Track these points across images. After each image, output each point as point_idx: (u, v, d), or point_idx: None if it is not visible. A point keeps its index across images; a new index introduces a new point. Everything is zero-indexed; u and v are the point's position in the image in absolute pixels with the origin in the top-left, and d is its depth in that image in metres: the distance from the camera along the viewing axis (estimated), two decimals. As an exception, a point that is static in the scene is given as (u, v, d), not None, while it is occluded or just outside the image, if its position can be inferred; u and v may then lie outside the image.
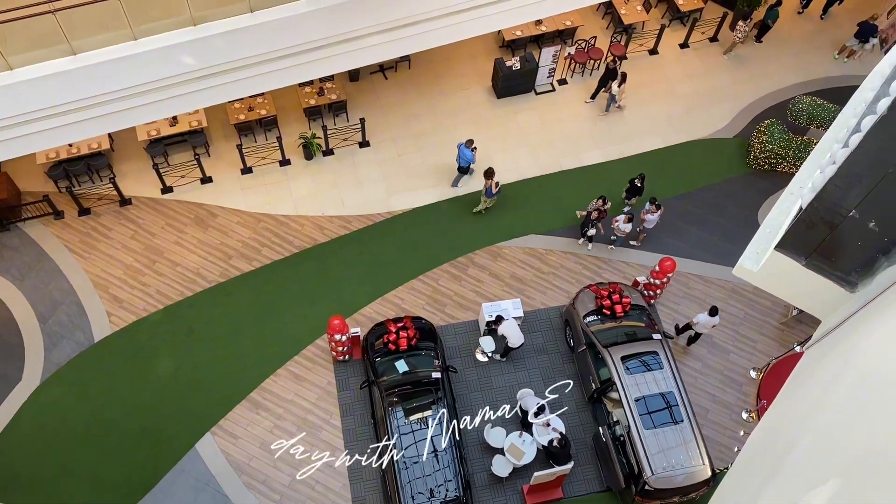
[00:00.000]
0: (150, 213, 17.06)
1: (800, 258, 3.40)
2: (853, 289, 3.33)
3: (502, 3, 15.42)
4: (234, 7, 13.01)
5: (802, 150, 17.68)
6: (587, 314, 15.20)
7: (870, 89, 3.74)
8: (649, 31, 20.05)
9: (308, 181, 17.85)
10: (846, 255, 3.22)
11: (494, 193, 16.82)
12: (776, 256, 3.48)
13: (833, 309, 3.49)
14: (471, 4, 15.11)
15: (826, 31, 20.61)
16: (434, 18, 15.07)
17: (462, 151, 17.10)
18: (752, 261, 3.75)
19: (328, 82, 18.25)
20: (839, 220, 3.06)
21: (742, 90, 19.65)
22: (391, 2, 14.28)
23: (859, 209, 2.94)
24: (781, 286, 3.68)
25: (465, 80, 19.37)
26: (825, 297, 3.47)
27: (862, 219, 2.96)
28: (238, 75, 14.19)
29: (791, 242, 3.38)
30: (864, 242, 3.08)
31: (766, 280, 3.68)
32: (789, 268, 3.50)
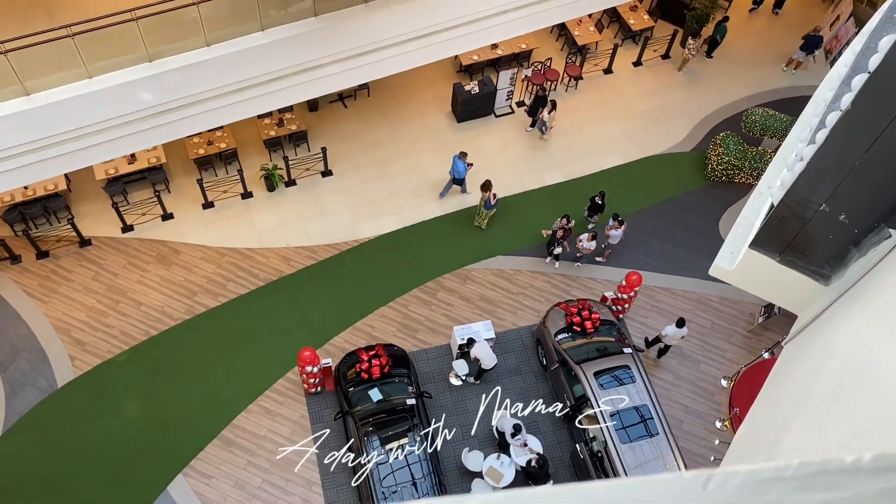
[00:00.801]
0: (111, 252, 16.75)
1: (774, 255, 3.47)
2: (827, 282, 3.41)
3: (458, 28, 15.61)
4: (190, 42, 12.96)
5: (758, 160, 18.09)
6: (558, 332, 15.25)
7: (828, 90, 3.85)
8: (603, 51, 20.43)
9: (271, 213, 17.71)
10: (819, 248, 3.30)
11: (493, 205, 16.96)
12: (751, 254, 3.55)
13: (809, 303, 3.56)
14: (427, 31, 15.27)
15: (773, 46, 21.23)
16: (391, 46, 15.19)
17: (456, 163, 17.32)
18: (728, 260, 3.81)
19: (287, 113, 18.22)
20: (810, 214, 3.13)
21: (696, 105, 20.09)
22: (348, 31, 14.36)
23: (829, 203, 3.01)
24: (757, 283, 3.75)
25: (425, 106, 19.50)
26: (800, 291, 3.54)
27: (832, 212, 3.04)
28: (196, 109, 14.10)
29: (764, 240, 3.45)
30: (835, 235, 3.16)
31: (742, 278, 3.74)
32: (764, 265, 3.56)
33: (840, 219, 3.03)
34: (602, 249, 17.16)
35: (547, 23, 17.10)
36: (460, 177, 17.45)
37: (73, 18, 12.16)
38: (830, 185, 2.93)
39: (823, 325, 3.12)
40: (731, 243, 3.85)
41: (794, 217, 3.21)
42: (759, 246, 3.48)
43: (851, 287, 2.99)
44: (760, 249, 3.49)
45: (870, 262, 2.98)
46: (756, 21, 21.73)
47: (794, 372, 3.08)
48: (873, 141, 2.67)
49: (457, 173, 17.39)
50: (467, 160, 17.38)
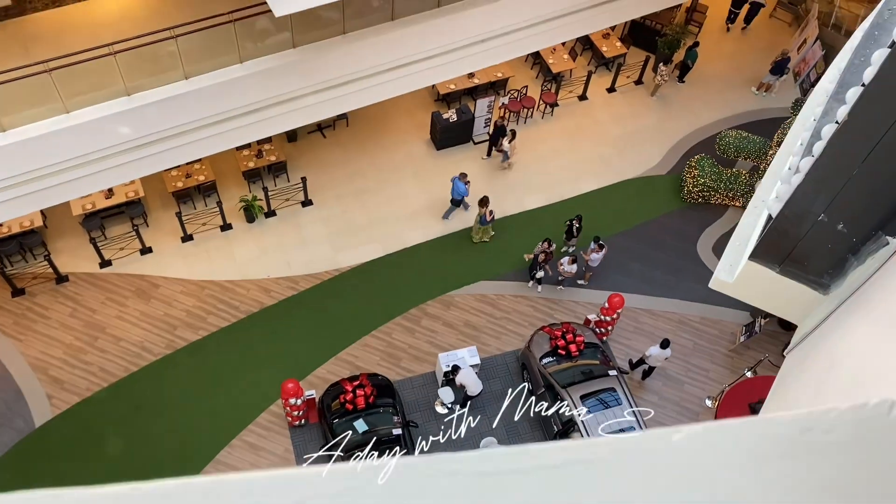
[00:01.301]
0: (89, 288, 16.52)
1: (773, 266, 3.53)
2: (826, 290, 3.47)
3: (435, 58, 15.79)
4: (168, 75, 12.96)
5: (733, 181, 18.39)
6: (543, 356, 15.26)
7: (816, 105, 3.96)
8: (577, 78, 20.75)
9: (251, 244, 17.63)
10: (817, 258, 3.36)
11: (489, 221, 17.21)
12: (750, 266, 3.61)
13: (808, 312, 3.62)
14: (405, 61, 15.43)
15: (743, 69, 21.69)
16: (369, 76, 15.31)
17: (456, 185, 17.57)
18: (727, 273, 3.87)
19: (266, 144, 18.22)
20: (809, 225, 3.20)
21: (670, 128, 20.41)
22: (326, 63, 14.47)
23: (828, 213, 3.08)
24: (757, 295, 3.81)
25: (404, 135, 19.62)
26: (799, 301, 3.60)
27: (831, 222, 3.10)
28: (175, 143, 14.07)
29: (764, 251, 3.51)
30: (833, 245, 3.23)
31: (741, 290, 3.80)
32: (764, 276, 3.63)
33: (838, 228, 3.10)
34: (583, 272, 17.26)
35: (522, 52, 17.36)
36: (461, 197, 17.74)
37: (50, 53, 12.13)
38: (828, 196, 3.01)
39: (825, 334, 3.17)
40: (730, 256, 3.92)
41: (793, 228, 3.28)
42: (758, 258, 3.54)
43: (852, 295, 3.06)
44: (760, 261, 3.55)
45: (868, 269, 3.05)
46: (726, 46, 22.22)
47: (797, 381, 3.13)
48: (870, 150, 2.75)
49: (457, 194, 17.69)
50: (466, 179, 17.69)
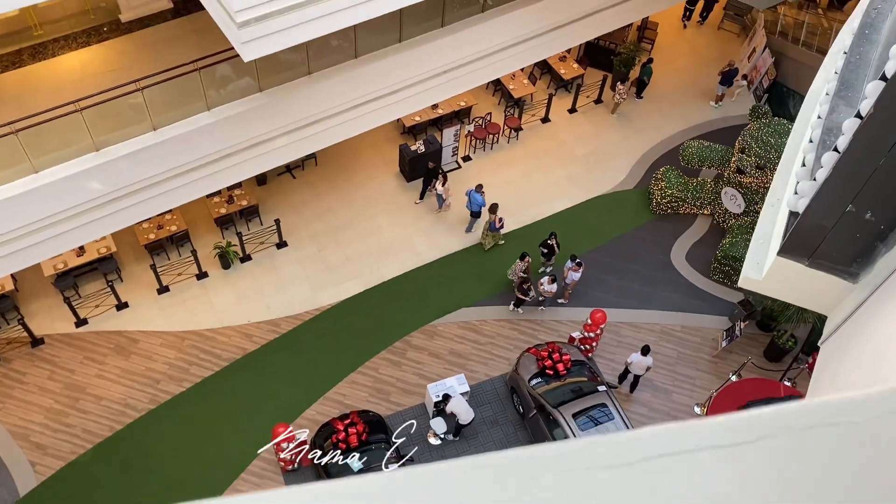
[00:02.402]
0: (66, 349, 16.19)
1: (802, 259, 3.64)
2: (856, 279, 3.58)
3: (399, 93, 15.98)
4: (137, 127, 12.92)
5: (699, 190, 18.78)
6: (531, 377, 15.30)
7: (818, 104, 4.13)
8: (538, 101, 21.12)
9: (229, 291, 17.47)
10: (846, 248, 3.48)
11: (498, 228, 17.68)
12: (779, 262, 3.71)
13: (838, 302, 3.73)
14: (369, 97, 15.59)
15: (698, 82, 22.28)
16: (335, 115, 15.44)
17: (473, 197, 17.97)
18: (755, 271, 3.98)
19: (237, 189, 18.16)
20: (837, 217, 3.32)
21: (633, 144, 20.83)
22: (293, 104, 14.56)
23: (855, 204, 3.21)
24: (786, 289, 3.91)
25: (374, 170, 19.72)
26: (830, 291, 3.71)
27: (858, 212, 3.23)
28: (146, 195, 13.98)
29: (792, 246, 3.62)
30: (861, 234, 3.34)
31: (771, 286, 3.90)
32: (793, 270, 3.73)
33: (866, 217, 3.23)
34: (563, 291, 17.40)
35: (483, 80, 17.66)
36: (479, 208, 18.10)
37: (14, 115, 12.03)
38: (855, 187, 3.14)
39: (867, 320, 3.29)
40: (755, 254, 4.03)
41: (821, 221, 3.41)
42: (787, 253, 3.66)
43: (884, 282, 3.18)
44: (788, 256, 3.66)
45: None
46: (679, 61, 22.83)
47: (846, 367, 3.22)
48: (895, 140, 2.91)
49: (476, 206, 18.08)
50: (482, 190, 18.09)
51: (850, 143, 3.04)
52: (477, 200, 18.01)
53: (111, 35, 16.11)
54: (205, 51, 13.47)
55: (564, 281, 17.14)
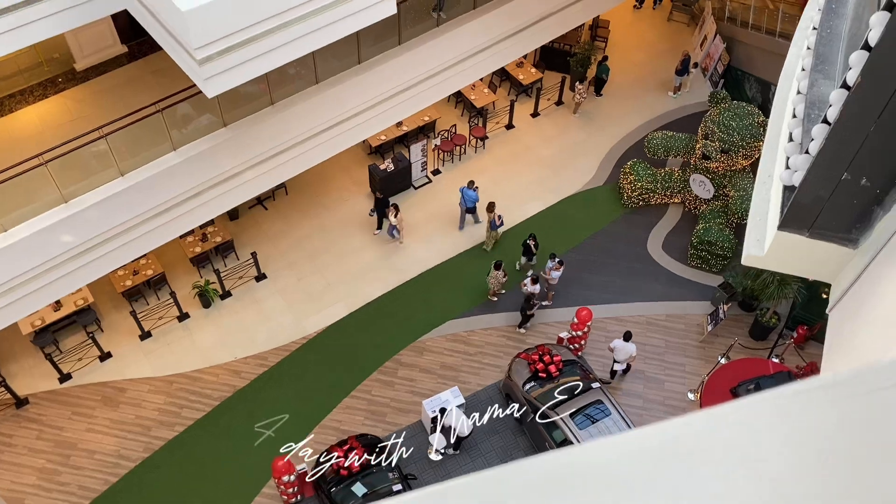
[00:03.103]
0: (53, 406, 15.88)
1: (802, 231, 3.72)
2: (856, 245, 3.67)
3: (363, 114, 16.05)
4: (104, 175, 12.80)
5: (668, 179, 19.04)
6: (525, 382, 15.33)
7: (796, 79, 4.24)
8: (501, 108, 21.30)
9: (212, 329, 17.30)
10: (844, 216, 3.57)
11: (498, 225, 17.97)
12: (780, 236, 3.79)
13: (841, 269, 3.82)
14: (334, 122, 15.63)
15: (654, 74, 22.62)
16: (302, 142, 15.45)
17: (466, 193, 18.22)
18: (756, 247, 4.05)
19: (209, 227, 18.02)
20: (833, 186, 3.41)
21: (598, 141, 21.07)
22: (258, 135, 14.53)
23: (850, 171, 3.30)
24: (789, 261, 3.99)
25: (345, 192, 19.70)
26: (831, 260, 3.79)
27: (854, 179, 3.32)
28: (119, 242, 13.85)
29: (791, 219, 3.70)
30: (858, 200, 3.44)
31: (773, 260, 3.98)
32: (794, 242, 3.81)
33: (862, 183, 3.32)
34: (545, 292, 17.50)
35: (444, 93, 17.80)
36: (473, 204, 18.37)
37: (-22, 175, 11.85)
38: (849, 155, 3.23)
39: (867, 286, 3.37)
40: (754, 232, 4.11)
41: (818, 192, 3.50)
42: (787, 226, 3.74)
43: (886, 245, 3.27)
44: (789, 229, 3.75)
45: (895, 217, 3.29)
46: (634, 55, 23.17)
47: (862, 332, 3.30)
48: (884, 106, 2.99)
49: (470, 202, 18.31)
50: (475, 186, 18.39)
51: (840, 113, 3.14)
52: (470, 196, 18.34)
53: (68, 85, 15.96)
54: (165, 91, 13.43)
55: (548, 282, 17.25)
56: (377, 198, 18.49)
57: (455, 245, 18.69)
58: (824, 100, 3.81)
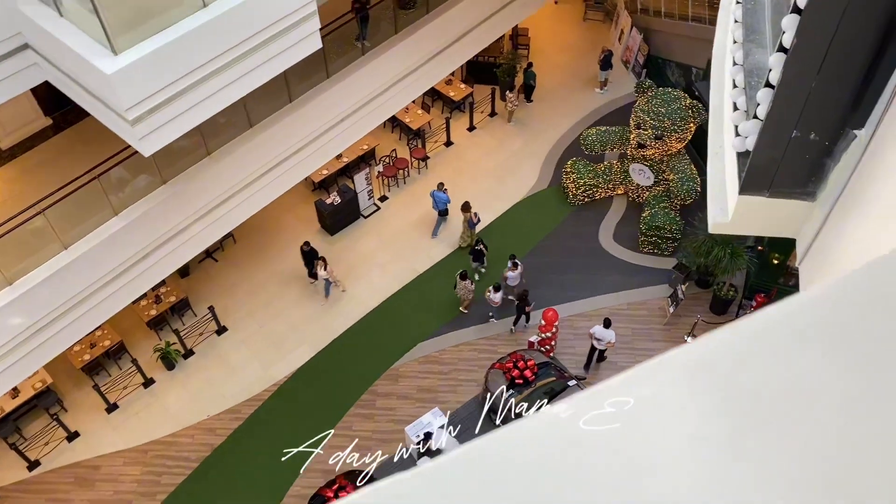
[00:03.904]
0: (24, 496, 15.28)
1: (763, 192, 3.87)
2: (814, 198, 3.83)
3: (301, 152, 16.00)
4: (47, 251, 12.47)
5: (609, 172, 19.44)
6: (502, 392, 15.36)
7: (730, 52, 4.42)
8: (437, 127, 21.50)
9: (180, 391, 16.92)
10: (799, 171, 3.72)
11: (476, 223, 18.34)
12: (742, 200, 3.93)
13: (803, 222, 3.97)
14: (273, 163, 15.53)
15: (578, 74, 23.13)
16: (244, 188, 15.30)
17: (437, 196, 18.48)
18: (721, 214, 4.18)
19: (161, 287, 17.65)
20: (785, 145, 3.56)
21: (536, 146, 21.41)
22: (199, 187, 14.36)
23: (798, 128, 3.45)
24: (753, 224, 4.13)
25: (294, 233, 19.55)
26: (794, 215, 3.94)
27: (803, 135, 3.47)
28: (71, 317, 13.47)
29: (751, 183, 3.84)
30: (810, 154, 3.59)
31: (739, 224, 4.11)
32: (756, 204, 3.95)
33: (811, 138, 3.47)
34: (506, 299, 17.61)
35: (379, 120, 17.86)
36: (445, 206, 18.58)
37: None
38: (796, 113, 3.38)
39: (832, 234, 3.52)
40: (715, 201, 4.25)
41: (772, 153, 3.64)
42: (747, 190, 3.87)
43: (841, 195, 3.44)
44: (750, 192, 3.89)
45: (847, 165, 3.44)
46: (557, 58, 23.67)
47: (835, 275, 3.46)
48: (821, 62, 3.14)
49: (441, 204, 18.52)
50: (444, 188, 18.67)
51: (781, 76, 3.30)
52: (442, 198, 18.54)
53: (-6, 165, 15.54)
54: (97, 158, 13.17)
55: (505, 282, 17.41)
56: (303, 251, 17.78)
57: (413, 267, 18.71)
58: (761, 66, 4.01)
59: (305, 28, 10.82)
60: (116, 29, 9.02)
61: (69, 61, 9.62)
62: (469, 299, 17.47)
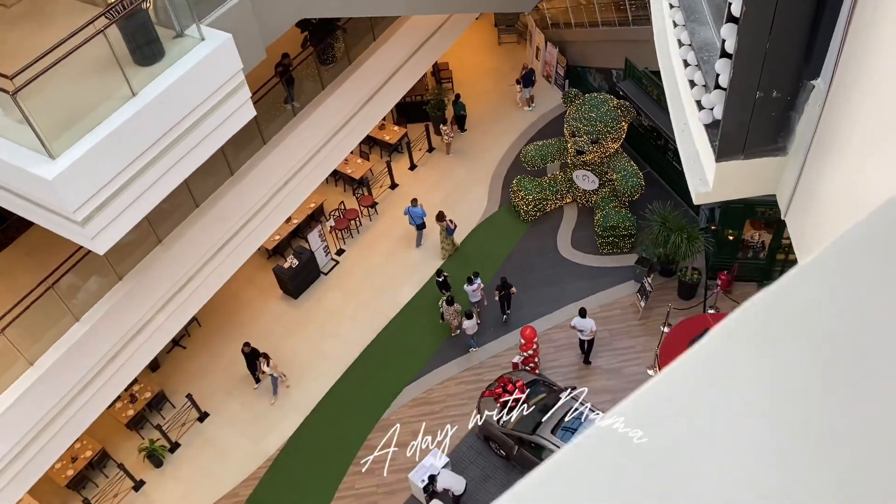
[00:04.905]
0: None
1: (738, 156, 4.02)
2: (786, 152, 4.00)
3: (249, 223, 15.94)
4: (12, 371, 12.09)
5: (554, 183, 19.82)
6: (497, 419, 15.33)
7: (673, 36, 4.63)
8: (380, 172, 21.65)
9: (172, 486, 16.43)
10: (768, 129, 3.89)
11: (453, 230, 18.99)
12: (720, 167, 4.08)
13: (780, 176, 4.14)
14: (224, 239, 15.41)
15: (505, 97, 23.64)
16: (199, 270, 15.11)
17: (412, 212, 19.12)
18: (702, 185, 4.32)
19: (134, 386, 17.21)
20: (751, 107, 3.73)
21: (479, 172, 21.71)
22: (156, 278, 14.15)
23: (761, 89, 3.62)
24: (734, 188, 4.28)
25: (258, 302, 19.35)
26: (770, 172, 4.10)
27: (766, 95, 3.64)
28: (46, 436, 13.04)
29: (725, 149, 4.00)
30: (776, 111, 3.76)
31: (720, 191, 4.26)
32: (733, 169, 4.10)
33: (774, 96, 3.65)
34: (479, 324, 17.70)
35: (321, 178, 17.95)
36: (422, 220, 19.28)
37: None
38: (756, 75, 3.55)
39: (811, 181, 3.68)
40: (693, 173, 4.39)
41: (740, 117, 3.81)
42: (723, 157, 4.02)
43: (812, 144, 3.62)
44: (726, 158, 4.04)
45: (811, 115, 3.62)
46: (482, 84, 24.16)
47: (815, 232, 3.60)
48: (771, 23, 3.32)
49: (418, 218, 19.20)
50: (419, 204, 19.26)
51: (737, 43, 3.49)
52: (417, 213, 19.14)
53: (-61, 296, 15.03)
54: (47, 267, 12.89)
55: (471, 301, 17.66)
56: (244, 353, 17.17)
57: (384, 313, 18.66)
58: (709, 41, 4.22)
59: (238, 98, 10.87)
60: (50, 133, 8.93)
61: (6, 175, 9.45)
62: (457, 323, 17.54)
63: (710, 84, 4.06)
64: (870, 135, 3.14)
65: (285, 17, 13.16)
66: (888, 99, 2.95)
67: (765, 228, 17.18)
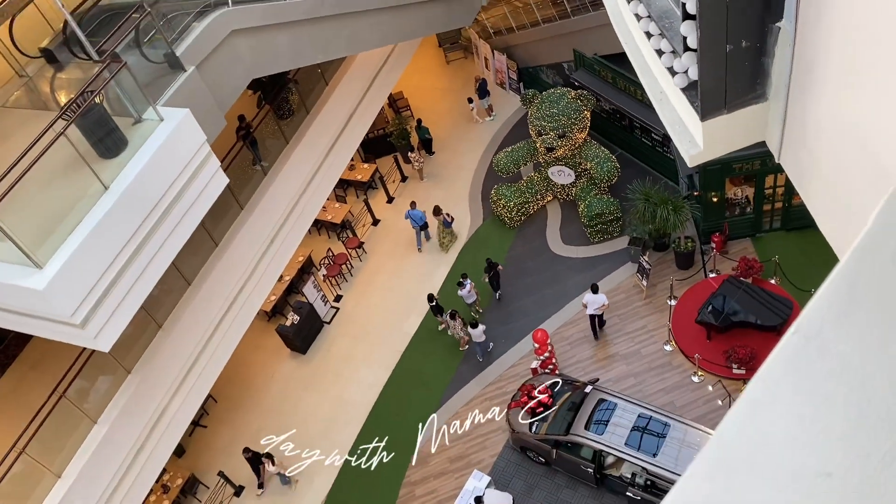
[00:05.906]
0: None
1: (721, 112, 4.08)
2: (766, 97, 4.06)
3: (243, 290, 15.88)
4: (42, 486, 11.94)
5: (532, 185, 19.95)
6: (529, 426, 15.27)
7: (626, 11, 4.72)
8: (359, 212, 21.70)
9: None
10: (744, 79, 3.96)
11: (450, 222, 19.61)
12: (707, 126, 4.14)
13: (765, 123, 4.20)
14: (222, 312, 15.34)
15: (464, 113, 23.84)
16: (204, 346, 15.03)
17: (412, 215, 19.73)
18: (693, 146, 4.37)
19: (164, 476, 17.00)
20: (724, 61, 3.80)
21: (456, 190, 21.82)
22: (163, 364, 14.06)
23: (730, 41, 3.70)
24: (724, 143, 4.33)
25: (268, 366, 19.26)
26: (755, 119, 4.16)
27: (736, 46, 3.71)
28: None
29: (708, 108, 4.06)
30: (748, 60, 3.83)
31: (712, 149, 4.31)
32: (720, 124, 4.15)
33: (743, 46, 3.72)
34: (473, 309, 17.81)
35: (303, 231, 17.95)
36: (423, 221, 19.89)
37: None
38: (723, 30, 3.63)
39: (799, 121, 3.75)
40: (682, 137, 4.45)
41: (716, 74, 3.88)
42: (708, 115, 4.08)
43: (791, 84, 3.70)
44: (711, 116, 4.09)
45: (783, 57, 3.71)
46: (440, 106, 24.36)
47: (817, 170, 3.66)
48: None
49: (419, 220, 19.78)
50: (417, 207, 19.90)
51: (698, 1, 3.57)
52: (417, 215, 19.79)
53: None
54: (54, 377, 12.78)
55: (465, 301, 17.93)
56: (246, 458, 16.78)
57: (395, 349, 18.61)
58: (667, 9, 4.31)
59: (208, 170, 10.90)
60: (32, 243, 8.92)
61: (-2, 294, 9.42)
62: (465, 337, 17.53)
63: (678, 49, 4.15)
64: (847, 60, 3.22)
65: (236, 80, 13.26)
66: (854, 22, 3.03)
67: (745, 183, 17.34)
